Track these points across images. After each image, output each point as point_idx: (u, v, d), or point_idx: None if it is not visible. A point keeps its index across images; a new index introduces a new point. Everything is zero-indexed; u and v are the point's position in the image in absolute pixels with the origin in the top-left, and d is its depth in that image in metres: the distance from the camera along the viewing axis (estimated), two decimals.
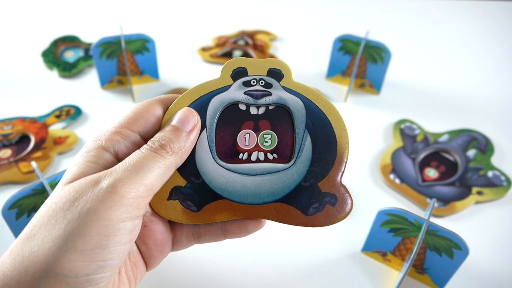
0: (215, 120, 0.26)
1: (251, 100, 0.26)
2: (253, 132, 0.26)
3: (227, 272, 0.39)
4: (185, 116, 0.25)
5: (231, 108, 0.26)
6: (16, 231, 0.36)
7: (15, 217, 0.35)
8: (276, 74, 0.27)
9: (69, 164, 0.24)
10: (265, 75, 0.27)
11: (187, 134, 0.25)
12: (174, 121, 0.25)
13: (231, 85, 0.27)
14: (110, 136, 0.24)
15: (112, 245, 0.21)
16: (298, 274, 0.39)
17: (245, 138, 0.26)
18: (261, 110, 0.27)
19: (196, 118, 0.25)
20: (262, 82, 0.27)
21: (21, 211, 0.35)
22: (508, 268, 0.40)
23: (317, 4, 0.92)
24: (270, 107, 0.27)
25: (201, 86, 0.27)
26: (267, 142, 0.26)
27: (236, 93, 0.27)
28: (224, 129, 0.26)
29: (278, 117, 0.26)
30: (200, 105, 0.26)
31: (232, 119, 0.26)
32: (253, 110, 0.27)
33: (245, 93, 0.26)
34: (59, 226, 0.20)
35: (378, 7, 0.92)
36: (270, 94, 0.27)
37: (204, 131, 0.26)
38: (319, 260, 0.40)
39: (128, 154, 0.24)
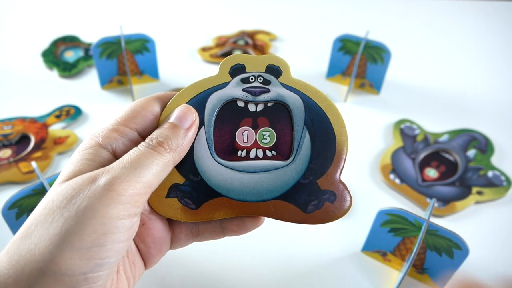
0: (214, 117, 0.26)
1: (249, 97, 0.26)
2: (251, 129, 0.26)
3: (226, 271, 0.39)
4: (183, 113, 0.25)
5: (230, 105, 0.26)
6: (16, 231, 0.36)
7: (15, 217, 0.35)
8: (275, 70, 0.27)
9: (66, 162, 0.24)
10: (264, 71, 0.27)
11: (185, 131, 0.24)
12: (172, 118, 0.25)
13: (229, 82, 0.27)
14: (108, 133, 0.24)
15: (110, 243, 0.21)
16: (298, 274, 0.39)
17: (244, 135, 0.26)
18: (260, 107, 0.26)
19: (194, 115, 0.25)
20: (260, 79, 0.27)
21: (21, 211, 0.35)
22: (508, 268, 0.40)
23: (317, 4, 0.92)
24: (269, 104, 0.26)
25: (199, 83, 0.27)
26: (265, 139, 0.26)
27: (234, 90, 0.26)
28: (222, 126, 0.26)
29: (277, 114, 0.26)
30: (198, 102, 0.26)
31: (231, 116, 0.26)
32: (252, 107, 0.26)
33: (243, 90, 0.26)
34: (56, 224, 0.20)
35: (378, 7, 0.92)
36: (269, 91, 0.26)
37: (202, 128, 0.26)
38: (319, 260, 0.40)
39: (125, 151, 0.23)
